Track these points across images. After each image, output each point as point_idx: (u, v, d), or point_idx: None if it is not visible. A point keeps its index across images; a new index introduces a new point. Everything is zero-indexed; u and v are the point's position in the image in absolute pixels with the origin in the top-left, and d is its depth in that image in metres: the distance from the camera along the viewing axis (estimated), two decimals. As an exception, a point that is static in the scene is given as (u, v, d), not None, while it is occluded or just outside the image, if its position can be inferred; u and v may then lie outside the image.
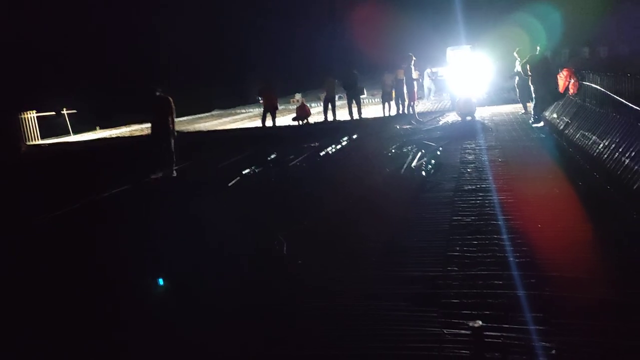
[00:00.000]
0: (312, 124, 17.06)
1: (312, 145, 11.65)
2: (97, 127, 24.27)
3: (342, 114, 16.82)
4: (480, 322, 3.33)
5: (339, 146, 11.34)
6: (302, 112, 17.56)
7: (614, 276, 3.87)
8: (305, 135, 13.96)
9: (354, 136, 12.52)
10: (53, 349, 3.69)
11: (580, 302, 3.55)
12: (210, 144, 15.25)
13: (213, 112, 28.03)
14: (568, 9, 22.76)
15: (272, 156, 10.45)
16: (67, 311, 4.27)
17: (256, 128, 17.24)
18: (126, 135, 20.10)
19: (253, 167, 9.29)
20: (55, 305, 4.43)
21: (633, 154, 6.23)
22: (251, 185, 8.32)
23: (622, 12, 24.13)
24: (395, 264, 4.54)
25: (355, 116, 16.17)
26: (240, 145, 13.02)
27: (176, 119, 9.72)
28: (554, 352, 2.98)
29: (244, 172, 9.00)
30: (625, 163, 6.29)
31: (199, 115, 26.82)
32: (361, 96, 16.91)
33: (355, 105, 16.12)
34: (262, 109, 16.69)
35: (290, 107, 24.06)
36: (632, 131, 6.69)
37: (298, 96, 26.03)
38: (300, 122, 17.35)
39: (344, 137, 12.33)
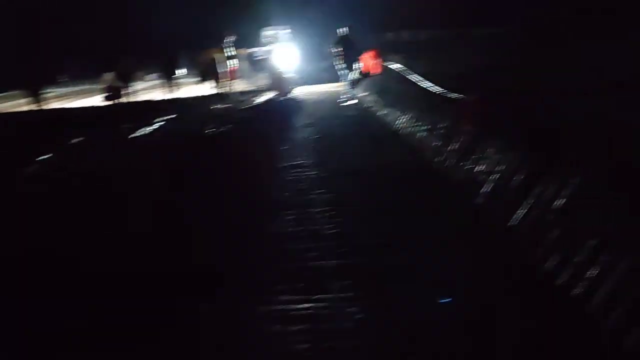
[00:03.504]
0: (125, 103, 16.00)
1: (125, 126, 10.86)
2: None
3: (158, 94, 16.08)
4: None
5: (153, 127, 10.73)
6: (114, 91, 16.39)
7: (417, 241, 4.16)
8: (117, 115, 13.03)
9: (171, 116, 11.97)
10: None
11: (385, 266, 3.77)
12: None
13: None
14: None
15: (75, 140, 9.49)
16: None
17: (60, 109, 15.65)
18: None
19: (51, 155, 8.32)
20: None
21: (429, 127, 6.86)
22: (47, 176, 7.43)
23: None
24: (209, 246, 4.39)
25: (172, 95, 15.58)
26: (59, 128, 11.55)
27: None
28: (359, 316, 3.12)
29: (37, 159, 8.01)
30: (424, 136, 6.91)
31: None
32: (178, 75, 16.31)
33: (172, 85, 15.57)
34: None
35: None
36: (428, 106, 7.35)
37: (108, 75, 24.18)
38: (112, 102, 16.19)
39: (160, 117, 11.73)
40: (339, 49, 12.45)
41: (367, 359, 2.82)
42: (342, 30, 12.53)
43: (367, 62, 12.30)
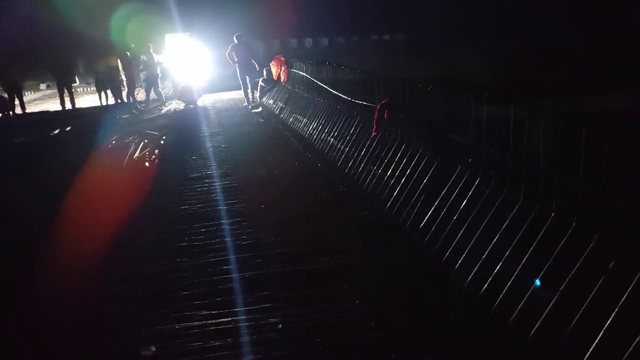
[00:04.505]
0: (17, 115, 14.92)
1: (16, 140, 10.19)
2: None
3: (53, 105, 15.18)
4: (153, 348, 3.06)
5: (49, 139, 10.15)
6: (3, 103, 15.24)
7: (330, 245, 4.26)
8: (8, 128, 12.19)
9: (68, 128, 11.36)
10: None
11: (301, 274, 3.83)
12: None
13: None
14: (277, 4, 24.51)
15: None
16: None
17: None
18: None
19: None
20: None
21: (336, 133, 7.02)
22: None
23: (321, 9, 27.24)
24: (121, 263, 4.23)
25: (68, 106, 14.70)
26: None
27: None
28: (280, 326, 3.15)
29: None
30: (331, 142, 7.06)
31: None
32: (73, 84, 15.43)
33: (68, 95, 14.67)
34: None
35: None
36: (333, 113, 7.53)
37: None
38: (1, 114, 15.03)
39: (55, 129, 11.11)
40: (237, 57, 12.48)
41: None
42: (236, 38, 12.54)
43: (274, 69, 12.36)
